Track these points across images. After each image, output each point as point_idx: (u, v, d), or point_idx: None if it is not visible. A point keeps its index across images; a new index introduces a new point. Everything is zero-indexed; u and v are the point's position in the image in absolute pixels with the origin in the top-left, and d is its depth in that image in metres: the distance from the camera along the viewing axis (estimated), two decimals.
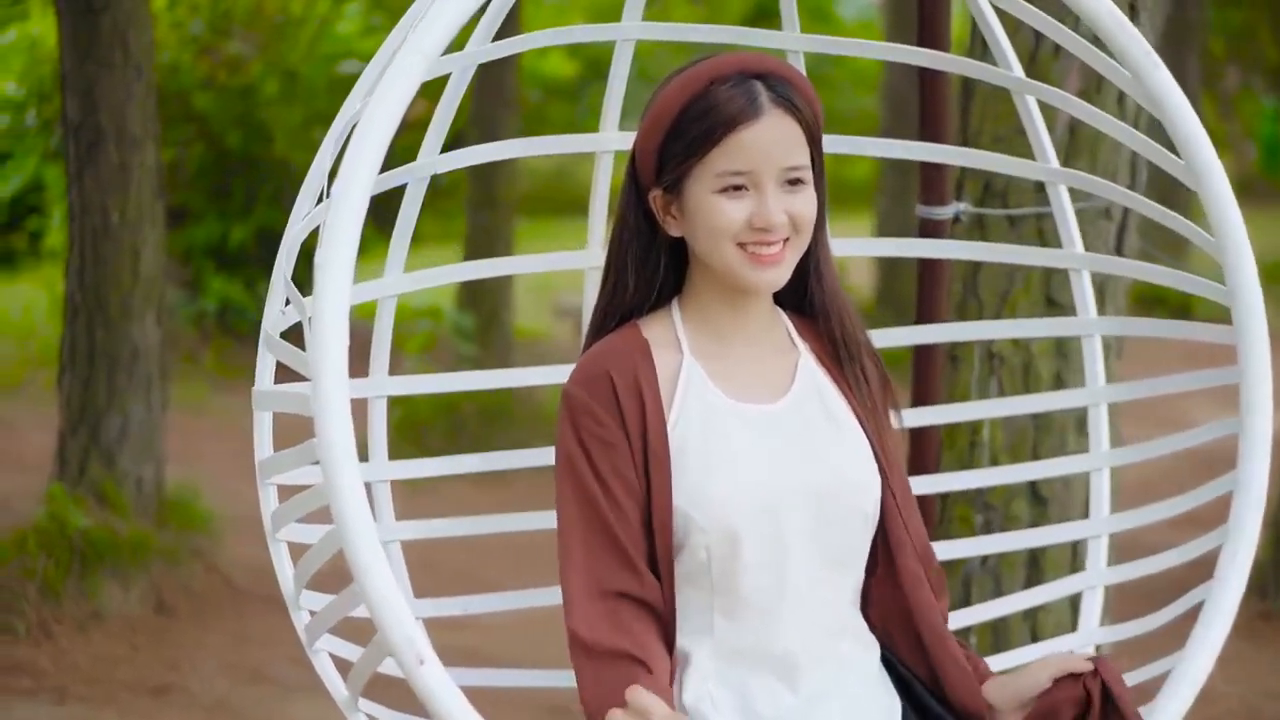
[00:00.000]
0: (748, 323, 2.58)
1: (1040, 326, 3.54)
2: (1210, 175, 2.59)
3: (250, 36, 10.86)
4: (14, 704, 5.33)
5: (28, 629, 5.81)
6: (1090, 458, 3.20)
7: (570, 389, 2.49)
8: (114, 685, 5.53)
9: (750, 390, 2.54)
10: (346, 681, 2.55)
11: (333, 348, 2.14)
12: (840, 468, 2.52)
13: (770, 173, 2.45)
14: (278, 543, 2.70)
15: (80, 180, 6.43)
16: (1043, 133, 3.15)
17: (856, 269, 13.19)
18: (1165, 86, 2.59)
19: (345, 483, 2.10)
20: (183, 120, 10.91)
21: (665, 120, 2.48)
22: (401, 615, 2.10)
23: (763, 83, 2.46)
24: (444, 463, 3.05)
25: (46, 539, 6.08)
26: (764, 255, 2.46)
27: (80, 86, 6.37)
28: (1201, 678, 2.53)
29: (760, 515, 2.44)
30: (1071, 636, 3.18)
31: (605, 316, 2.60)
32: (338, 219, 2.16)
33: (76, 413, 6.55)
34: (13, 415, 9.30)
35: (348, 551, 2.10)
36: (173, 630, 6.07)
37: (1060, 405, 3.41)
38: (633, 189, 2.56)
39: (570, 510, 2.46)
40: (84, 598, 6.00)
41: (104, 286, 6.46)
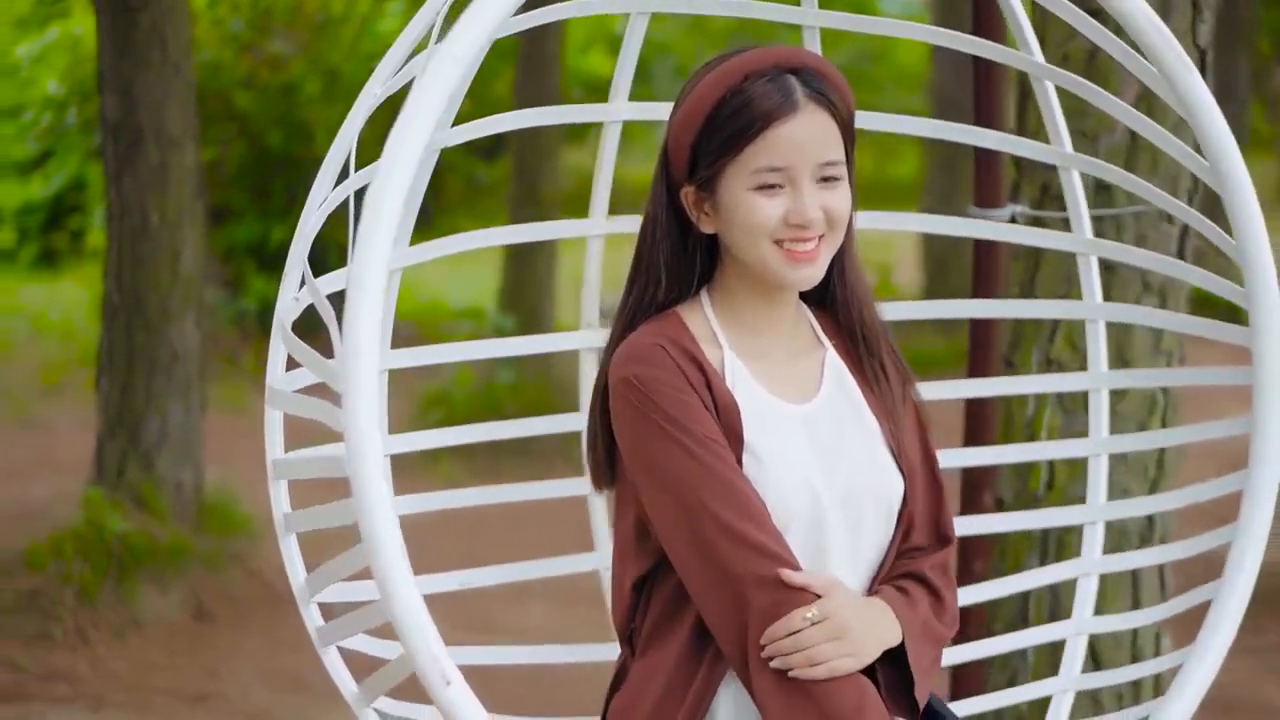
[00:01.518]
0: (779, 320, 2.53)
1: (1044, 308, 3.54)
2: (1233, 178, 2.60)
3: (291, 35, 10.82)
4: (51, 711, 5.29)
5: (65, 635, 5.78)
6: (1089, 443, 3.20)
7: (631, 372, 2.40)
8: (152, 692, 5.49)
9: (786, 389, 2.49)
10: (361, 686, 2.51)
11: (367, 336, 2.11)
12: (868, 469, 2.47)
13: (806, 169, 2.40)
14: (289, 540, 2.67)
15: (119, 180, 6.38)
16: (1058, 114, 3.11)
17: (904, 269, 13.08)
18: (1195, 90, 2.59)
19: (377, 509, 2.08)
20: (223, 119, 10.88)
21: (699, 116, 2.43)
22: (429, 636, 2.08)
23: (798, 77, 2.41)
24: (445, 434, 3.01)
25: (84, 544, 6.04)
26: (800, 253, 2.42)
27: (119, 85, 6.31)
28: (1209, 676, 2.59)
29: (806, 517, 2.40)
30: (1066, 624, 3.16)
31: (635, 315, 2.51)
32: (382, 193, 2.13)
33: (115, 415, 6.49)
34: (52, 417, 9.27)
35: (378, 576, 2.08)
36: (211, 636, 6.02)
37: (1056, 389, 3.48)
38: (664, 185, 2.50)
39: (678, 483, 2.37)
40: (122, 604, 5.96)
41: (143, 288, 6.41)
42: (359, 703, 2.53)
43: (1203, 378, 3.25)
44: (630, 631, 2.51)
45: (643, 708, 2.42)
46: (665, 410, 2.37)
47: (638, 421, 2.39)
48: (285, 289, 2.70)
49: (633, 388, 2.39)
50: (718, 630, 2.36)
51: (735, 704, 2.40)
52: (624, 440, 2.42)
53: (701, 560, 2.35)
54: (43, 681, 5.52)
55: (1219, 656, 2.59)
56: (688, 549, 2.36)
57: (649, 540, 2.44)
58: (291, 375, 2.70)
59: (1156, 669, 3.05)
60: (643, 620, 2.48)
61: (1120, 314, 3.26)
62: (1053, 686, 3.13)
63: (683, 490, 2.35)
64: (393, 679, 2.34)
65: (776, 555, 2.34)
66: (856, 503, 2.44)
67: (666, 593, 2.44)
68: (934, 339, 10.49)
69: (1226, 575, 2.62)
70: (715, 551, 2.33)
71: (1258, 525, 2.62)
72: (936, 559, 2.54)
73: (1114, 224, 3.80)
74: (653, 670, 2.43)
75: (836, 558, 2.42)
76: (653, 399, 2.38)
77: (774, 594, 2.33)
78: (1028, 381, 3.60)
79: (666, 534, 2.38)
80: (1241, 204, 2.62)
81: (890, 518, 2.49)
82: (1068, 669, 3.13)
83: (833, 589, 2.34)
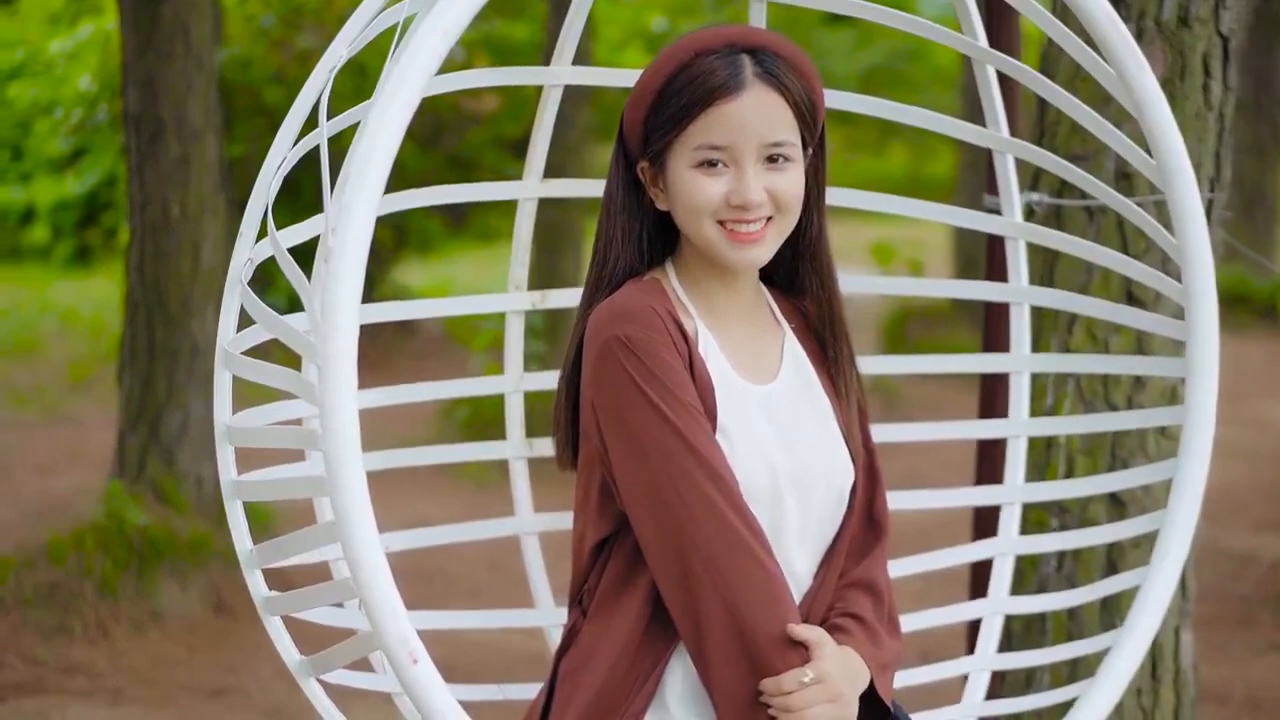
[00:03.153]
0: (738, 298, 2.54)
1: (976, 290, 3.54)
2: (1177, 178, 2.73)
3: (321, 30, 10.78)
4: (69, 704, 5.27)
5: (85, 629, 5.76)
6: (1009, 424, 3.32)
7: (624, 331, 2.38)
8: (171, 687, 5.46)
9: (748, 368, 2.50)
10: (315, 659, 2.48)
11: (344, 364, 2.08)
12: (821, 453, 2.49)
13: (750, 149, 2.40)
14: (234, 505, 2.66)
15: (141, 173, 6.36)
16: (997, 101, 3.20)
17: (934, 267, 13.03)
18: (1147, 88, 2.67)
19: (350, 479, 2.05)
20: (253, 114, 10.86)
21: (650, 91, 2.44)
22: (397, 612, 2.07)
23: (751, 56, 2.41)
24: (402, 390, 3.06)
25: (105, 537, 6.02)
26: (743, 234, 2.42)
27: (141, 78, 6.30)
28: (1133, 664, 2.70)
29: (766, 497, 2.42)
30: (982, 602, 3.24)
31: (597, 288, 2.52)
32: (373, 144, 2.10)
33: (136, 409, 6.48)
34: (80, 412, 9.28)
35: (347, 549, 2.05)
36: (231, 631, 5.99)
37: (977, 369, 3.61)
38: (621, 160, 2.52)
39: (655, 450, 2.35)
40: (142, 597, 5.93)
41: (164, 281, 6.39)
42: (303, 672, 2.52)
43: (1135, 367, 3.32)
44: (582, 593, 2.51)
45: (595, 671, 2.42)
46: (653, 373, 2.36)
47: (622, 382, 2.37)
48: (240, 248, 2.70)
49: (624, 346, 2.37)
50: (671, 601, 2.36)
51: (686, 671, 2.41)
52: (602, 398, 2.39)
53: (669, 532, 2.34)
54: (61, 675, 5.50)
55: (1145, 641, 2.71)
56: (654, 519, 2.35)
57: (613, 502, 2.43)
58: (242, 336, 2.68)
59: (1084, 651, 3.09)
60: (596, 582, 2.48)
61: (1047, 299, 3.36)
62: (969, 665, 3.20)
63: (660, 459, 2.34)
64: (354, 654, 2.33)
65: (750, 536, 2.34)
66: (808, 485, 2.46)
67: (623, 557, 2.44)
68: (963, 334, 10.43)
69: (1154, 561, 2.73)
70: (687, 525, 2.32)
71: (1185, 513, 2.74)
72: (875, 556, 2.57)
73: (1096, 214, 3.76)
74: (605, 634, 2.43)
75: (788, 537, 2.44)
76: (642, 360, 2.36)
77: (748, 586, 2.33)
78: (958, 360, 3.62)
79: (633, 500, 2.37)
80: (1184, 203, 2.73)
81: (840, 502, 2.51)
82: (983, 648, 3.20)
83: (823, 646, 2.35)
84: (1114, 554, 3.80)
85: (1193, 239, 2.72)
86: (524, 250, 3.19)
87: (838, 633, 2.44)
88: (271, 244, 2.44)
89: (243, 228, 2.68)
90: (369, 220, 2.10)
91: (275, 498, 2.57)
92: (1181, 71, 3.77)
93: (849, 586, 2.52)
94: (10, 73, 16.14)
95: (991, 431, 3.47)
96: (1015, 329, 3.33)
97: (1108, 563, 3.80)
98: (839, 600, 2.50)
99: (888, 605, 2.56)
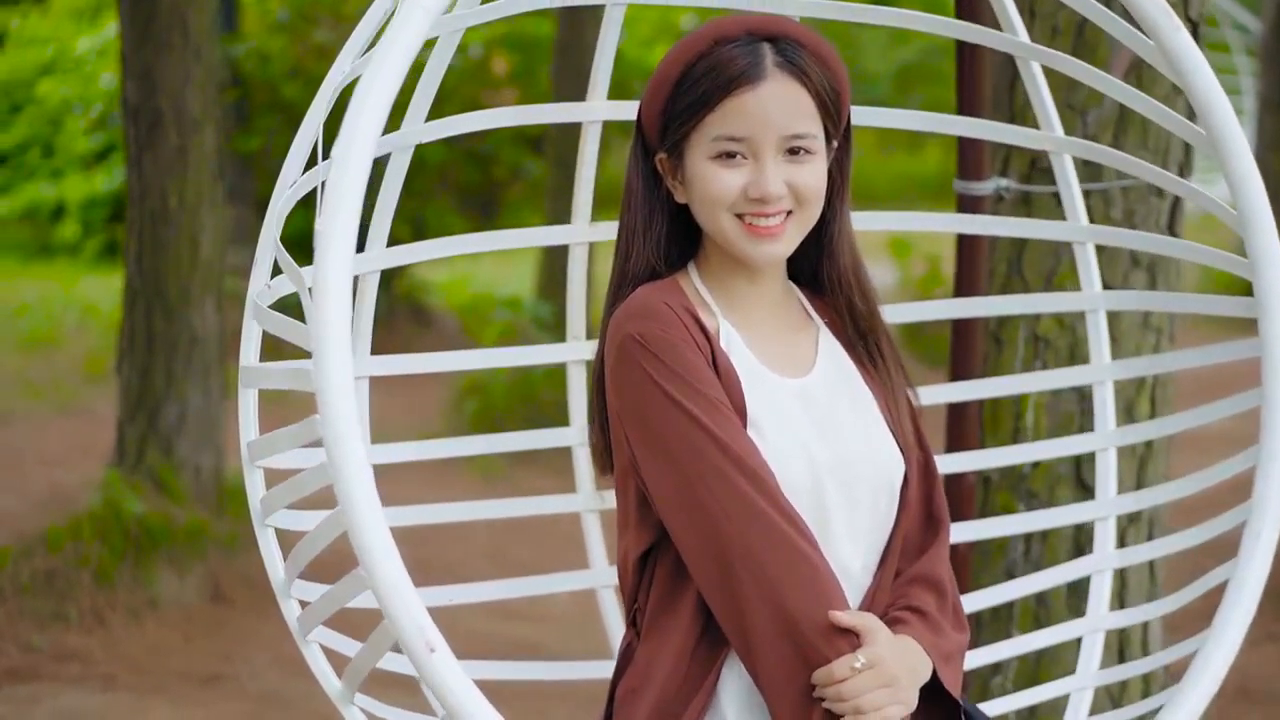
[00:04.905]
0: (765, 294, 2.45)
1: (1044, 301, 3.37)
2: (1230, 145, 2.47)
3: (338, 25, 10.80)
4: (62, 691, 5.29)
5: (80, 616, 5.78)
6: (1096, 437, 3.10)
7: (637, 329, 2.30)
8: (164, 674, 5.49)
9: (780, 362, 2.41)
10: (344, 675, 2.40)
11: (336, 316, 2.02)
12: (865, 445, 2.39)
13: (769, 140, 2.31)
14: (265, 529, 2.57)
15: (139, 164, 6.38)
16: (1048, 100, 3.03)
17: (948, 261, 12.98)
18: (1185, 50, 2.45)
19: (351, 461, 1.98)
20: (271, 109, 10.89)
21: (669, 81, 2.36)
22: (410, 601, 1.98)
23: (771, 45, 2.33)
24: (440, 445, 2.97)
25: (102, 526, 6.04)
26: (761, 228, 2.33)
27: (139, 69, 6.32)
28: (1228, 658, 2.43)
29: (807, 491, 2.31)
30: (1080, 622, 3.06)
31: (620, 284, 2.43)
32: (340, 183, 2.04)
33: (134, 399, 6.51)
34: (94, 404, 9.31)
35: (354, 535, 1.98)
36: (228, 620, 6.01)
37: (1067, 383, 3.34)
38: (639, 152, 2.44)
39: (683, 449, 2.26)
40: (139, 586, 5.96)
41: (162, 272, 6.41)
42: (344, 700, 2.43)
43: (1207, 357, 3.00)
44: (634, 612, 2.42)
45: (649, 694, 2.33)
46: (673, 370, 2.28)
47: (642, 382, 2.29)
48: (257, 273, 2.60)
49: (639, 345, 2.30)
50: (715, 604, 2.27)
51: (740, 677, 2.32)
52: (624, 400, 2.32)
53: (705, 533, 2.25)
54: (56, 662, 5.52)
55: (1237, 638, 2.45)
56: (690, 521, 2.26)
57: (651, 512, 2.34)
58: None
59: (1169, 659, 2.89)
60: (645, 599, 2.39)
61: (1118, 302, 3.16)
62: (1070, 685, 3.03)
63: (690, 458, 2.26)
64: (375, 655, 2.25)
65: (789, 528, 2.24)
66: (853, 478, 2.35)
67: (668, 568, 2.35)
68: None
69: (1242, 554, 2.46)
70: (724, 523, 2.24)
71: (1273, 500, 2.45)
72: (936, 552, 2.46)
73: (1102, 198, 3.72)
74: (658, 651, 2.34)
75: (837, 533, 2.34)
76: (660, 358, 2.28)
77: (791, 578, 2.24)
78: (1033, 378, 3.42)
79: (666, 504, 2.29)
80: (1241, 170, 2.49)
81: (892, 497, 2.40)
82: (1085, 665, 3.03)
83: (875, 632, 2.25)
84: (1081, 539, 3.77)
85: (1255, 209, 2.48)
86: (580, 298, 3.07)
87: (896, 625, 2.32)
88: (291, 278, 2.36)
89: (259, 252, 2.58)
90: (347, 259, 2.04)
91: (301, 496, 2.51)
92: None
93: (909, 582, 2.41)
94: (42, 70, 16.22)
95: (1083, 446, 3.25)
96: (1094, 337, 3.11)
97: (1075, 548, 3.78)
98: (899, 596, 2.39)
99: (951, 600, 2.44)
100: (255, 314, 2.52)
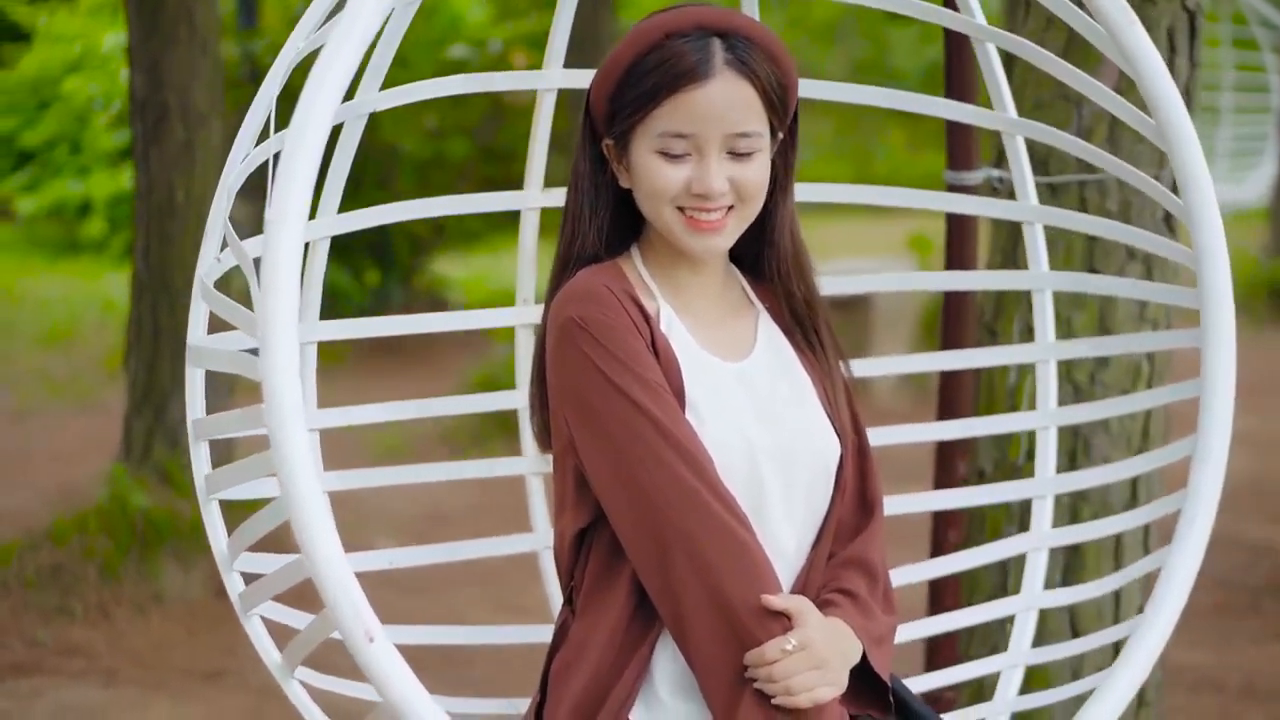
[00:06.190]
0: (706, 278, 2.49)
1: (995, 280, 3.48)
2: (1180, 137, 2.53)
3: None
4: (65, 685, 5.28)
5: (85, 610, 5.77)
6: (1038, 415, 3.16)
7: (577, 312, 2.34)
8: (166, 669, 5.47)
9: (719, 346, 2.45)
10: (284, 653, 2.47)
11: (286, 297, 2.05)
12: (803, 430, 2.43)
13: (714, 138, 2.34)
14: (210, 504, 2.61)
15: (146, 158, 6.37)
16: (1002, 82, 3.06)
17: None
18: (1140, 45, 2.51)
19: (294, 453, 2.01)
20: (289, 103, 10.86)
21: (617, 70, 2.38)
22: (351, 591, 2.00)
23: (722, 41, 2.35)
24: (380, 409, 2.95)
25: (108, 520, 6.03)
26: (703, 222, 2.37)
27: (145, 63, 6.30)
28: (1160, 643, 2.50)
29: (743, 474, 2.36)
30: (1014, 599, 3.10)
31: (565, 265, 2.48)
32: (294, 157, 2.08)
33: (141, 393, 6.50)
34: (111, 400, 9.30)
35: (296, 526, 2.02)
36: (232, 615, 5.92)
37: (1003, 361, 3.41)
38: (587, 135, 2.47)
39: (621, 432, 2.30)
40: (144, 580, 5.95)
41: (169, 266, 6.39)
42: (283, 673, 2.50)
43: (1149, 343, 3.24)
44: (570, 589, 2.46)
45: (583, 669, 2.37)
46: (613, 354, 2.31)
47: (582, 365, 2.32)
48: (207, 248, 2.64)
49: (580, 328, 2.33)
50: (650, 584, 2.31)
51: (674, 657, 2.36)
52: (563, 382, 2.35)
53: (642, 516, 2.29)
54: (60, 656, 5.51)
55: (1169, 624, 2.51)
56: (627, 503, 2.30)
57: (589, 491, 2.38)
58: (217, 338, 2.66)
59: (1100, 643, 2.94)
60: (581, 576, 2.43)
61: (1067, 283, 3.21)
62: (1000, 663, 3.07)
63: (628, 441, 2.29)
64: (315, 638, 2.29)
65: (725, 511, 2.28)
66: (790, 460, 2.40)
67: (604, 546, 2.39)
68: None
69: (1176, 541, 2.53)
70: (661, 507, 2.27)
71: (1207, 488, 2.53)
72: (869, 535, 2.51)
73: (1098, 189, 3.68)
74: (593, 628, 2.38)
75: (773, 514, 2.38)
76: (601, 341, 2.32)
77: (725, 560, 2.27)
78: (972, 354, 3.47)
79: (604, 486, 2.33)
80: (1188, 162, 2.54)
81: (827, 480, 2.45)
82: (1016, 644, 3.06)
83: (807, 615, 2.29)
84: None
85: (1201, 201, 2.54)
86: (530, 262, 3.11)
87: (827, 607, 2.38)
88: (237, 255, 2.40)
89: (209, 226, 2.64)
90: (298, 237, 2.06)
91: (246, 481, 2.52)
92: None
93: (842, 565, 2.47)
94: (69, 67, 16.24)
95: (1016, 424, 3.33)
96: (1039, 316, 3.19)
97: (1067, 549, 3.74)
98: (832, 579, 2.45)
99: (882, 583, 2.50)
100: (203, 294, 2.53)
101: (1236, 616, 5.62)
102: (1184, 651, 5.02)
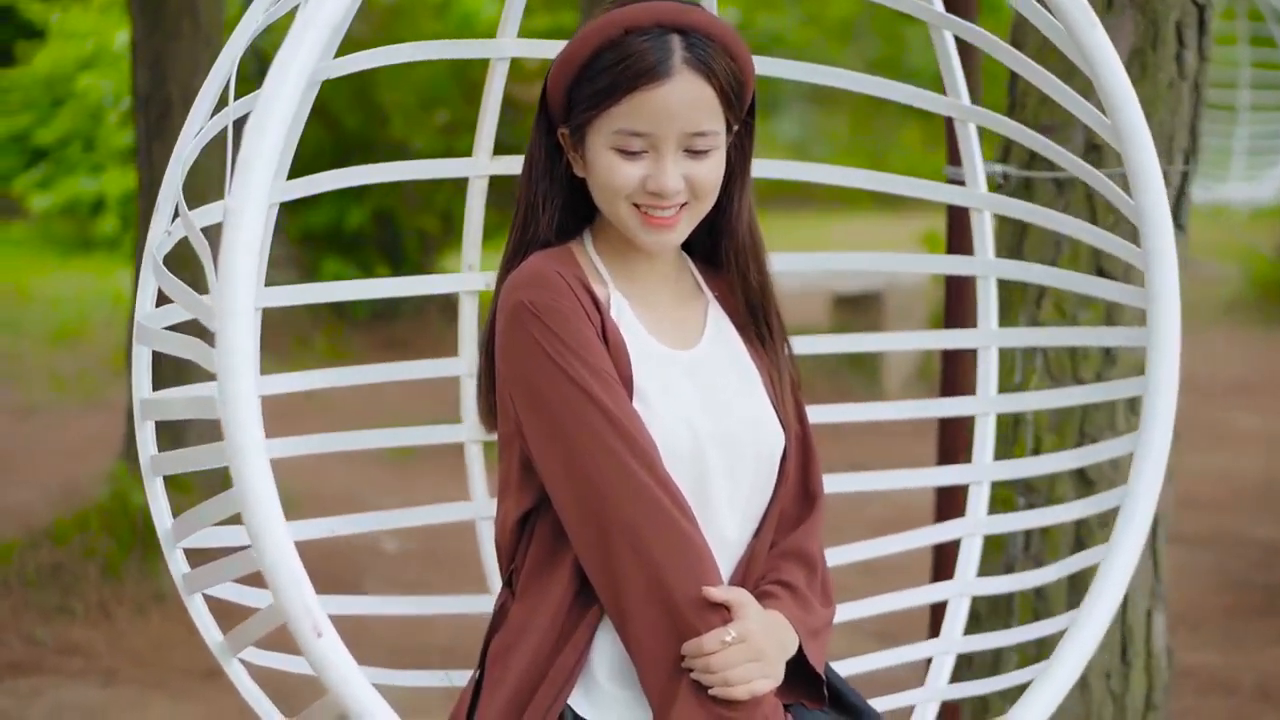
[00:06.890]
0: (657, 266, 2.51)
1: (930, 263, 3.65)
2: (1134, 137, 2.57)
3: (367, 16, 10.78)
4: (64, 685, 5.26)
5: (86, 609, 5.75)
6: (976, 402, 3.22)
7: (528, 297, 2.34)
8: (166, 668, 5.45)
9: (668, 334, 2.46)
10: (227, 638, 2.49)
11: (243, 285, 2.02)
12: (750, 419, 2.45)
13: (671, 137, 2.35)
14: (154, 482, 2.65)
15: (149, 152, 6.34)
16: (957, 70, 3.11)
17: None
18: (1099, 45, 2.52)
19: (250, 454, 1.98)
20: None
21: (575, 63, 2.37)
22: (301, 584, 1.98)
23: (681, 38, 2.35)
24: (327, 375, 2.95)
25: (109, 519, 6.01)
26: (656, 218, 2.39)
27: (149, 58, 6.29)
28: (1096, 637, 2.53)
29: (688, 463, 2.37)
30: (949, 584, 3.15)
31: (517, 250, 2.48)
32: (254, 155, 2.06)
33: None
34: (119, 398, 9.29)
35: (249, 524, 1.98)
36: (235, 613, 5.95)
37: (947, 345, 3.51)
38: (543, 123, 2.47)
39: (568, 418, 2.31)
40: (145, 579, 5.93)
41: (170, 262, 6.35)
42: (224, 653, 2.52)
43: (1095, 338, 3.26)
44: (511, 572, 2.47)
45: (522, 652, 2.38)
46: (563, 340, 2.32)
47: (531, 350, 2.32)
48: (157, 221, 2.66)
49: (530, 313, 2.33)
50: (592, 571, 2.32)
51: (614, 644, 2.37)
52: (512, 368, 2.36)
53: (587, 504, 2.30)
54: (60, 655, 5.49)
55: (1105, 619, 2.54)
56: (572, 490, 2.31)
57: (534, 475, 2.38)
58: (163, 311, 2.63)
59: (1035, 634, 3.02)
60: (523, 559, 2.44)
61: (1014, 271, 3.26)
62: (933, 648, 3.12)
63: (575, 428, 2.30)
64: (261, 629, 2.30)
65: (669, 501, 2.29)
66: (735, 449, 2.41)
67: (547, 530, 2.40)
68: None
69: (1115, 538, 2.56)
70: (606, 495, 2.29)
71: (1147, 484, 2.57)
72: (809, 526, 2.53)
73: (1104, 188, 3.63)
74: (532, 611, 2.39)
75: (717, 502, 2.40)
76: (550, 327, 2.32)
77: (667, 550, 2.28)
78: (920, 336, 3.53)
79: (549, 472, 2.34)
80: (1141, 162, 2.58)
81: (771, 469, 2.47)
82: (948, 631, 3.12)
83: (746, 607, 2.31)
84: (1082, 533, 3.69)
85: (1152, 201, 2.58)
86: (476, 228, 3.12)
87: (766, 599, 2.40)
88: (185, 226, 2.41)
89: (160, 199, 2.63)
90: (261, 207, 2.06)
91: (193, 469, 2.52)
92: (1154, 40, 3.66)
93: (781, 556, 2.48)
94: (82, 64, 16.25)
95: (957, 409, 3.38)
96: (982, 303, 3.23)
97: (1075, 542, 3.70)
98: (770, 569, 2.47)
99: (820, 575, 2.53)
100: (153, 269, 2.51)
101: (1247, 618, 5.57)
102: (1192, 653, 4.98)
